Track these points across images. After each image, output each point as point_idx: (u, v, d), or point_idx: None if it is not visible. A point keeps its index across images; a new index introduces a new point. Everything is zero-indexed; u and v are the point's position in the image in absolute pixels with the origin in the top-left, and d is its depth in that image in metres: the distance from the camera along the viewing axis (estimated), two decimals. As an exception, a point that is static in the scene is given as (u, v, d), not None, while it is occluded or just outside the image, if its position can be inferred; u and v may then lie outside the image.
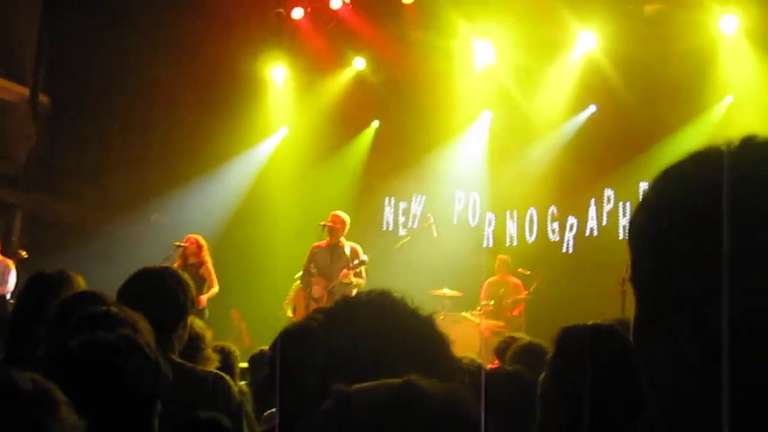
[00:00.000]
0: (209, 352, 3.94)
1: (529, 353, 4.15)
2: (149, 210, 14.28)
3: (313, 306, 10.49)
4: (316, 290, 11.00)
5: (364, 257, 11.02)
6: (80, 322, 2.76)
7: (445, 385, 1.47)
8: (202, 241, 11.50)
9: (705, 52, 12.32)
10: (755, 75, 12.11)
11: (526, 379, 3.34)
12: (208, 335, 4.03)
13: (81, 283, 4.47)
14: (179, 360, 3.51)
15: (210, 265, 11.17)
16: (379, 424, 1.36)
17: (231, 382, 3.60)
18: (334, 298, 10.73)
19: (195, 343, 3.83)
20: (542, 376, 2.64)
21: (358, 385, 1.43)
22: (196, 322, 3.91)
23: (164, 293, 3.53)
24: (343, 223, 11.24)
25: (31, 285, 4.05)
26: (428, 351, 2.14)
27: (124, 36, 13.97)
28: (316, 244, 11.29)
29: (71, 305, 3.03)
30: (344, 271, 10.91)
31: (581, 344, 2.54)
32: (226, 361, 4.33)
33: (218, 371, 3.68)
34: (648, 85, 12.49)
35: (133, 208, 14.03)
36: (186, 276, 3.75)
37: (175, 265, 11.43)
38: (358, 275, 11.04)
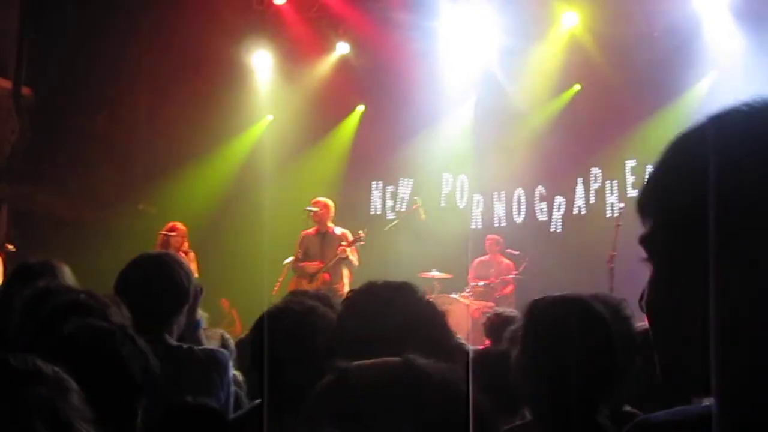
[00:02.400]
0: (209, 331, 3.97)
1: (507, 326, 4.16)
2: (137, 200, 14.25)
3: (308, 287, 10.51)
4: (311, 267, 11.03)
5: (361, 232, 11.08)
6: (52, 310, 2.78)
7: (441, 364, 1.50)
8: (183, 229, 11.58)
9: (687, 28, 12.34)
10: (737, 50, 12.13)
11: (507, 357, 3.36)
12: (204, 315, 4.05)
13: (67, 272, 4.47)
14: (176, 343, 3.53)
15: (191, 253, 11.19)
16: (378, 398, 1.39)
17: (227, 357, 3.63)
18: (333, 275, 10.82)
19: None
20: (515, 352, 2.65)
21: (357, 362, 1.46)
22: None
23: (164, 278, 3.55)
24: (327, 207, 11.27)
25: (14, 274, 4.05)
26: (433, 336, 2.20)
27: (107, 25, 13.89)
28: (306, 231, 11.32)
29: (43, 295, 3.04)
30: (342, 245, 10.92)
31: (549, 315, 2.55)
32: (223, 346, 4.35)
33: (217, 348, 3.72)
34: (632, 64, 12.52)
35: (121, 198, 14.00)
36: (184, 260, 3.77)
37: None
38: (354, 252, 11.09)
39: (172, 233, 11.50)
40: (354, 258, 11.05)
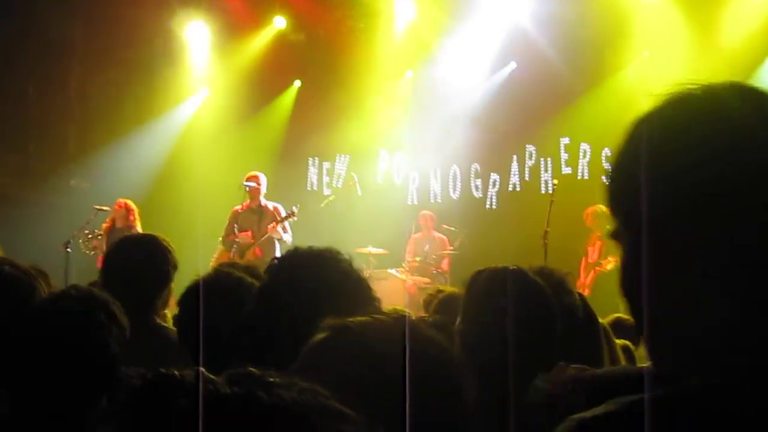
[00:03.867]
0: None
1: (449, 303, 4.22)
2: (69, 175, 14.03)
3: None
4: (243, 238, 11.00)
5: (294, 208, 11.06)
6: None
7: (426, 323, 1.62)
8: (132, 206, 11.42)
9: (623, 9, 12.51)
10: (670, 31, 12.35)
11: (446, 328, 3.41)
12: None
13: (-2, 250, 4.44)
14: (162, 323, 3.59)
15: (139, 229, 11.04)
16: (381, 352, 1.45)
17: None
18: (265, 251, 10.79)
19: None
20: (457, 321, 2.71)
21: (351, 319, 1.53)
22: None
23: (148, 260, 3.59)
24: (262, 183, 11.25)
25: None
26: (358, 303, 2.24)
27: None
28: (237, 207, 11.25)
29: None
30: (272, 224, 10.91)
31: (490, 286, 2.61)
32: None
33: None
34: (567, 43, 12.66)
35: (53, 174, 13.76)
36: (168, 242, 3.81)
37: (102, 229, 11.32)
38: (285, 230, 11.07)
39: (106, 208, 11.40)
40: (287, 235, 11.02)
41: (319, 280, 2.34)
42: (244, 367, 1.02)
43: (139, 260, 3.61)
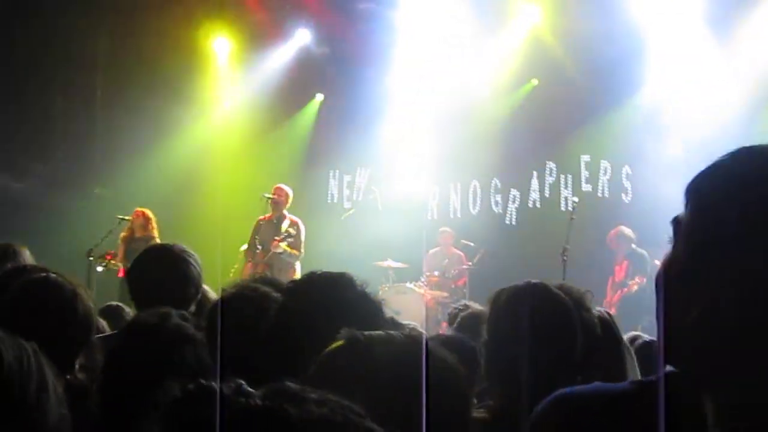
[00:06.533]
0: None
1: (472, 319, 4.24)
2: (93, 184, 14.13)
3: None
4: (261, 255, 11.02)
5: (292, 230, 11.02)
6: (21, 287, 2.88)
7: (437, 344, 1.70)
8: (150, 215, 11.42)
9: (645, 28, 12.51)
10: (691, 49, 12.34)
11: (465, 345, 3.44)
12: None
13: (27, 255, 4.50)
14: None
15: (158, 240, 11.04)
16: (394, 364, 1.51)
17: None
18: (271, 268, 10.81)
19: None
20: (483, 338, 2.75)
21: (367, 333, 1.59)
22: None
23: (175, 272, 3.60)
24: (287, 195, 11.28)
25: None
26: (370, 321, 2.29)
27: (63, 6, 13.72)
28: (262, 217, 11.33)
29: (11, 275, 3.09)
30: (275, 240, 10.93)
31: (515, 300, 2.65)
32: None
33: None
34: (590, 61, 12.65)
35: (78, 182, 13.86)
36: (191, 252, 3.80)
37: (121, 238, 11.36)
38: (293, 246, 11.05)
39: (128, 218, 11.43)
40: (290, 250, 11.01)
41: (335, 303, 2.39)
42: (282, 382, 1.07)
43: (168, 275, 3.60)
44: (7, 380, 1.60)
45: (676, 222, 1.27)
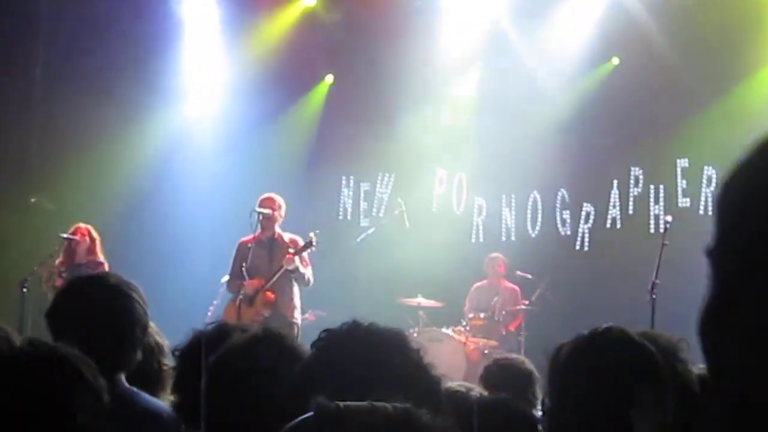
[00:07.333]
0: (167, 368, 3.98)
1: (515, 375, 4.26)
2: (29, 191, 14.09)
3: (247, 312, 10.57)
4: (250, 286, 10.96)
5: (312, 235, 10.98)
6: None
7: (437, 418, 1.65)
8: (95, 234, 11.45)
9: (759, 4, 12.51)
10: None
11: (512, 408, 3.46)
12: (165, 343, 4.11)
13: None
14: (130, 388, 3.54)
15: (106, 267, 11.02)
16: None
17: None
18: (279, 294, 10.80)
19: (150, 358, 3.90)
20: (545, 404, 2.76)
21: (345, 403, 1.59)
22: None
23: (110, 309, 3.62)
24: (280, 208, 11.23)
25: None
26: (403, 378, 2.28)
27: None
28: (244, 239, 11.21)
29: None
30: (288, 254, 10.85)
31: (584, 353, 2.66)
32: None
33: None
34: (688, 36, 12.63)
35: (9, 190, 13.84)
36: (134, 284, 3.82)
37: (57, 263, 11.39)
38: (305, 263, 11.05)
39: (75, 237, 11.47)
40: (307, 271, 11.01)
41: (382, 369, 2.29)
42: None
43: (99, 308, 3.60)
44: None
45: (709, 252, 1.29)
